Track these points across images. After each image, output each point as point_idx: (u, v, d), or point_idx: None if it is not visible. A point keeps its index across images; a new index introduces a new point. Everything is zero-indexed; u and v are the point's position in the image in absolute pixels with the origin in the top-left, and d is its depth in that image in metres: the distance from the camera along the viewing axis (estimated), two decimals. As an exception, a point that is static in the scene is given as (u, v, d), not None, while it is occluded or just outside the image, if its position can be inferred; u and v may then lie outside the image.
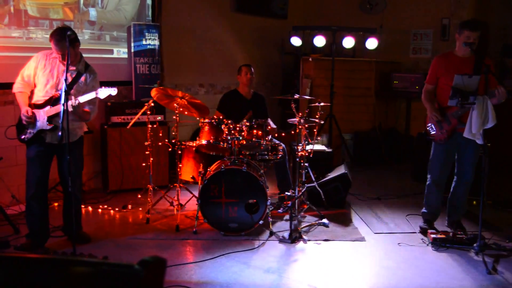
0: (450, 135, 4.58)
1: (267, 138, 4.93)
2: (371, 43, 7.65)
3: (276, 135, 5.24)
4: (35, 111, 4.11)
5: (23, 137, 4.15)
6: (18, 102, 4.18)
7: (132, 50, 6.32)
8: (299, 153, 4.96)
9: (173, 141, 5.15)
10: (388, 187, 6.47)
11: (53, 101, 4.07)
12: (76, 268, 1.34)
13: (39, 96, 4.14)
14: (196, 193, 4.81)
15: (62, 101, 3.70)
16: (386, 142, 7.87)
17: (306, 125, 5.05)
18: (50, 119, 4.08)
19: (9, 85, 5.08)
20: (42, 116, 4.09)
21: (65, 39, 3.88)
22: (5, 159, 5.24)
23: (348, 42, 7.55)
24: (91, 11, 5.99)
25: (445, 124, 4.58)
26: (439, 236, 4.47)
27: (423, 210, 4.93)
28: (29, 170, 4.17)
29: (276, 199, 5.60)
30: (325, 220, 4.96)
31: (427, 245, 4.48)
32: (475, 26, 4.42)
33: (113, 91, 4.11)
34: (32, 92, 4.21)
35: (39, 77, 4.13)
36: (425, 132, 4.77)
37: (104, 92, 4.06)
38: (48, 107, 4.08)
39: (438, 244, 4.41)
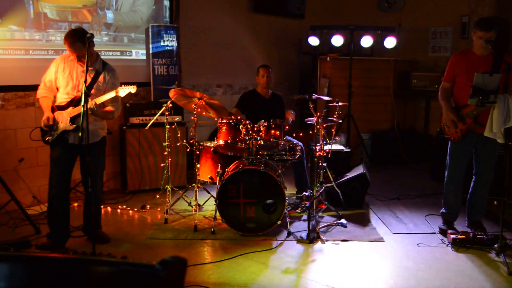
0: (465, 134, 4.54)
1: (284, 138, 4.92)
2: (390, 42, 7.60)
3: (292, 118, 5.28)
4: (58, 112, 4.18)
5: (47, 138, 4.23)
6: (41, 106, 4.26)
7: (151, 52, 6.38)
8: (317, 153, 4.95)
9: (191, 141, 5.18)
10: (407, 187, 6.41)
11: (75, 102, 4.15)
12: (98, 268, 1.36)
13: (62, 98, 4.23)
14: (214, 194, 4.83)
15: (82, 102, 3.75)
16: (404, 141, 7.80)
17: (324, 125, 5.04)
18: (73, 119, 4.15)
19: (30, 87, 5.20)
20: (65, 117, 4.17)
21: (78, 41, 3.96)
22: (26, 160, 5.33)
23: (366, 41, 7.52)
24: (107, 14, 6.05)
25: (460, 124, 4.54)
26: (459, 236, 4.42)
27: (442, 210, 4.88)
28: (52, 170, 4.24)
29: (294, 199, 5.60)
30: (343, 221, 4.95)
31: (447, 245, 4.44)
32: (487, 26, 4.33)
33: (132, 89, 4.18)
34: (55, 96, 4.28)
35: (60, 81, 4.20)
36: (441, 130, 4.75)
37: (124, 91, 4.13)
38: (70, 108, 4.16)
39: (458, 245, 4.37)
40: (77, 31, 4.05)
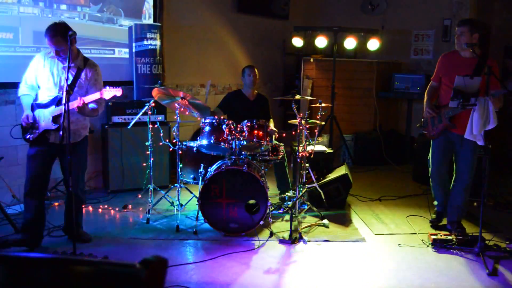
0: (441, 132, 4.73)
1: (267, 139, 4.93)
2: (373, 44, 7.67)
3: (276, 136, 5.25)
4: (40, 111, 4.12)
5: (28, 136, 4.16)
6: (22, 104, 4.19)
7: (134, 50, 6.33)
8: (300, 154, 4.97)
9: (174, 141, 5.16)
10: (389, 188, 6.47)
11: (57, 101, 4.08)
12: (78, 268, 1.35)
13: (43, 96, 4.16)
14: (197, 193, 4.82)
15: (64, 101, 3.70)
16: (386, 143, 7.87)
17: (307, 126, 5.06)
18: (55, 119, 4.08)
19: (10, 85, 5.12)
20: (47, 116, 4.10)
21: (59, 35, 3.91)
22: (6, 159, 5.25)
23: (350, 43, 7.57)
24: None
25: (437, 121, 4.74)
26: (439, 237, 4.48)
27: (434, 201, 5.14)
28: (27, 167, 4.19)
29: (277, 199, 5.61)
30: (325, 221, 4.97)
31: (427, 246, 4.49)
32: (459, 22, 4.63)
33: (118, 92, 4.11)
34: (37, 94, 4.23)
35: (41, 78, 4.14)
36: (420, 125, 4.99)
37: (109, 93, 4.06)
38: (52, 107, 4.09)
39: (438, 245, 4.42)
40: (58, 24, 3.98)
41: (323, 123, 5.26)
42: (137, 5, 6.61)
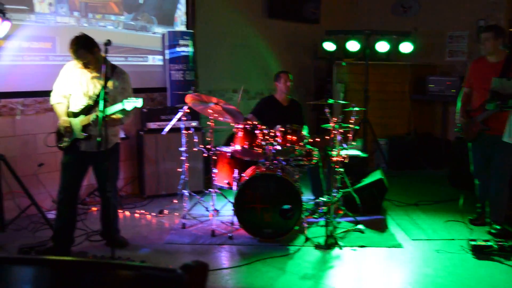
0: (477, 135, 4.81)
1: (301, 144, 4.91)
2: (406, 47, 7.55)
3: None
4: (71, 119, 4.19)
5: (61, 144, 4.25)
6: (56, 112, 4.27)
7: (167, 57, 6.41)
8: (334, 159, 4.92)
9: (208, 146, 5.19)
10: (425, 193, 6.34)
11: (86, 110, 4.16)
12: (121, 272, 1.36)
13: (73, 105, 4.23)
14: (231, 199, 4.83)
15: (99, 108, 3.75)
16: (422, 146, 7.73)
17: (341, 130, 5.01)
18: (84, 128, 4.15)
19: (48, 93, 5.25)
20: (77, 125, 4.17)
21: (82, 48, 3.95)
22: (45, 165, 5.40)
23: (382, 46, 7.48)
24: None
25: (472, 125, 4.82)
26: (479, 243, 4.35)
27: (477, 203, 5.17)
28: (61, 176, 4.27)
29: (311, 204, 5.57)
30: (360, 226, 4.91)
31: (467, 252, 4.37)
32: (485, 27, 4.87)
33: (138, 103, 4.04)
34: (68, 102, 4.30)
35: (71, 88, 4.20)
36: (458, 129, 5.09)
37: (129, 105, 4.03)
38: (81, 116, 4.17)
39: (478, 252, 4.30)
40: (80, 38, 4.02)
41: (356, 127, 5.20)
42: (170, 13, 6.69)
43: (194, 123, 6.15)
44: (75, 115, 4.19)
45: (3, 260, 1.42)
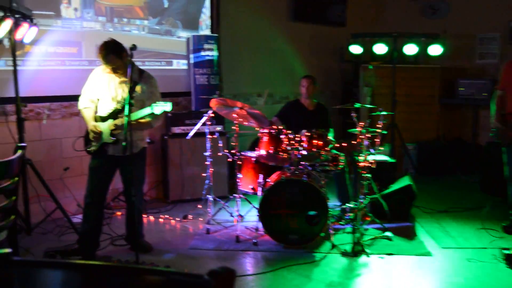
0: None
1: (327, 149, 4.88)
2: (435, 49, 7.45)
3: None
4: (100, 124, 4.25)
5: (89, 148, 4.32)
6: (84, 117, 4.33)
7: (191, 62, 6.46)
8: (361, 164, 4.88)
9: (232, 151, 5.20)
10: (456, 199, 6.23)
11: (114, 114, 4.21)
12: (149, 277, 1.37)
13: (101, 109, 4.29)
14: (256, 204, 4.82)
15: (125, 112, 3.80)
16: (452, 152, 7.61)
17: (368, 135, 4.97)
18: (112, 132, 4.21)
19: (75, 97, 5.33)
20: (105, 129, 4.23)
21: (111, 53, 4.01)
22: (71, 169, 5.49)
23: (410, 48, 7.40)
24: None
25: (506, 129, 4.77)
26: (512, 252, 4.26)
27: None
28: (88, 180, 4.33)
29: (338, 210, 5.53)
30: (388, 233, 4.85)
31: (500, 262, 4.27)
32: None
33: (167, 107, 4.11)
34: (96, 107, 4.37)
35: (98, 92, 4.27)
36: (493, 134, 5.03)
37: (158, 108, 4.08)
38: (110, 121, 4.22)
39: (511, 261, 4.20)
40: (109, 43, 4.08)
41: (384, 132, 5.14)
42: (194, 17, 6.75)
43: (218, 128, 6.18)
44: (103, 119, 4.25)
45: (31, 264, 1.44)
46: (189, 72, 6.58)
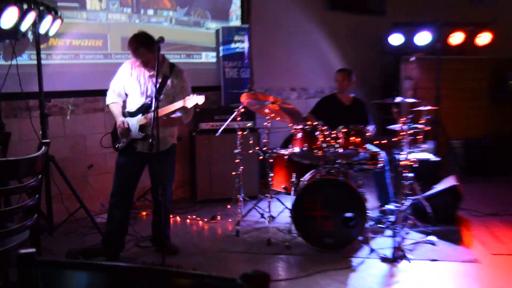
0: None
1: (365, 146, 4.84)
2: (483, 39, 7.32)
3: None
4: (128, 119, 4.31)
5: (117, 145, 4.38)
6: (112, 112, 4.41)
7: (221, 54, 6.49)
8: (402, 163, 4.81)
9: (264, 148, 5.20)
10: (506, 202, 6.09)
11: (144, 109, 4.26)
12: (180, 280, 1.37)
13: (130, 104, 4.37)
14: (289, 205, 4.81)
15: (152, 109, 3.85)
16: (502, 150, 7.43)
17: (410, 132, 4.90)
18: (142, 127, 4.26)
19: (99, 92, 5.43)
20: (134, 124, 4.29)
21: (142, 46, 4.05)
22: (95, 167, 5.58)
23: (456, 38, 7.29)
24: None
25: None
26: None
27: None
28: (115, 177, 4.39)
29: (377, 212, 5.48)
30: (432, 238, 4.77)
31: (556, 269, 4.16)
32: None
33: (200, 100, 4.18)
34: (124, 102, 4.44)
35: (128, 87, 4.34)
36: None
37: (191, 101, 4.14)
38: (139, 116, 4.28)
39: None
40: (139, 35, 4.13)
41: (427, 128, 5.06)
42: (224, 7, 6.77)
43: (249, 124, 6.19)
44: (132, 114, 4.31)
45: (55, 265, 1.46)
46: (218, 65, 6.61)
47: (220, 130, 5.43)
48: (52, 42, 5.29)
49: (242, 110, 5.28)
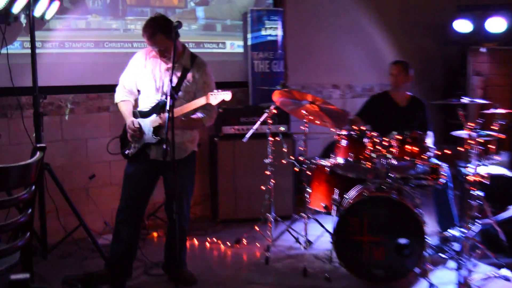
0: None
1: (424, 157, 4.79)
2: None
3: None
4: (141, 120, 4.30)
5: (127, 152, 4.37)
6: (122, 112, 4.42)
7: (249, 43, 6.49)
8: (470, 178, 4.75)
9: (300, 158, 5.18)
10: None
11: (159, 108, 4.24)
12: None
13: (144, 102, 4.37)
14: (330, 228, 4.78)
15: (167, 107, 3.80)
16: None
17: (479, 140, 4.83)
18: (156, 130, 4.24)
19: (104, 88, 5.47)
20: (147, 127, 4.27)
21: (160, 32, 4.03)
22: (97, 177, 5.62)
23: (539, 25, 7.19)
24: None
25: None
26: None
27: None
28: (124, 189, 4.40)
29: (437, 239, 5.42)
30: (506, 272, 4.70)
31: None
32: None
33: (226, 96, 4.20)
34: (136, 100, 4.46)
35: (141, 81, 4.35)
36: None
37: (216, 98, 4.15)
38: (153, 116, 4.27)
39: None
40: (157, 19, 4.14)
41: (501, 136, 4.99)
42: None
43: (283, 128, 6.17)
44: (145, 114, 4.31)
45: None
46: (245, 56, 6.62)
47: (247, 136, 5.43)
48: (49, 27, 5.35)
49: (274, 111, 5.27)
